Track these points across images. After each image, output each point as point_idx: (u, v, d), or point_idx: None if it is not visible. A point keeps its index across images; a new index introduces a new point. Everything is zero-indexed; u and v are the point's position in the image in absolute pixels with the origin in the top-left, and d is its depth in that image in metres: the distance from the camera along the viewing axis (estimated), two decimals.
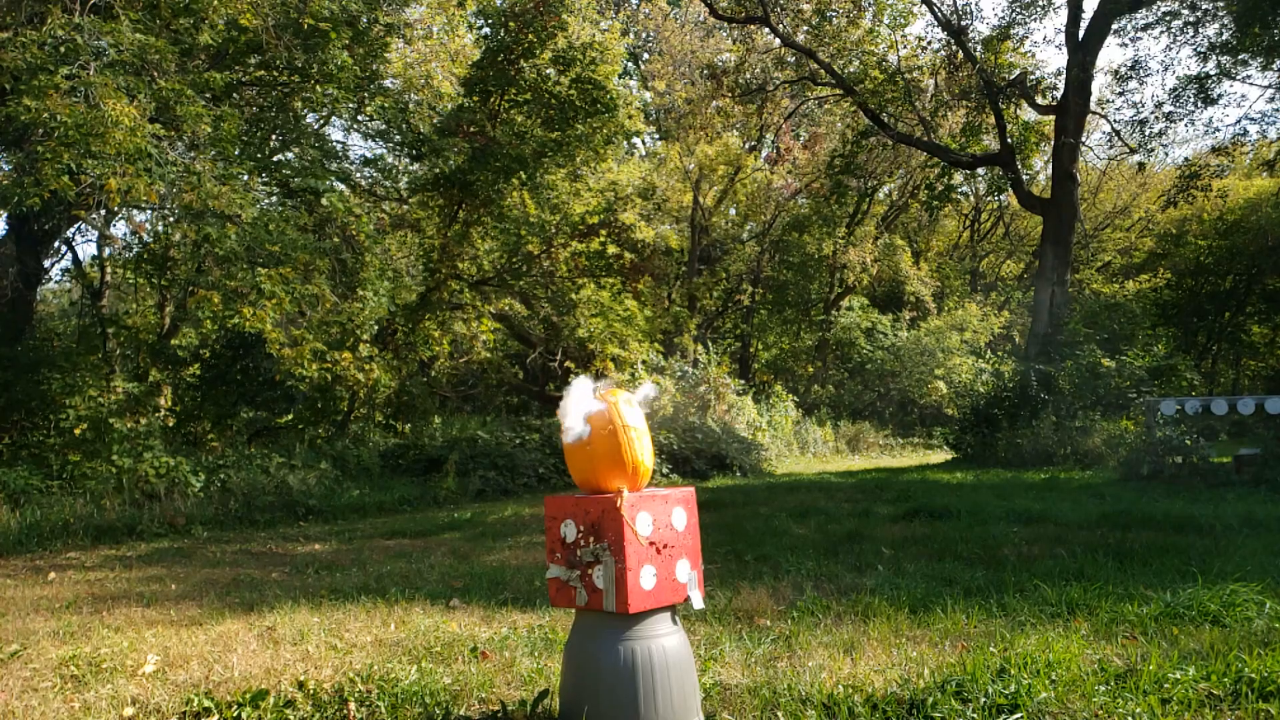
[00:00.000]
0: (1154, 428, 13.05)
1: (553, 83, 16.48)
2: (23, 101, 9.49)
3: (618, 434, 3.25)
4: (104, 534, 10.00)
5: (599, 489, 3.32)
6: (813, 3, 22.81)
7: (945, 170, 24.92)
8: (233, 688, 4.03)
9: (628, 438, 3.26)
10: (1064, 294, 20.47)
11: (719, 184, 28.91)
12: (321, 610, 5.69)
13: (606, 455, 3.27)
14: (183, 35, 11.69)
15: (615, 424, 3.26)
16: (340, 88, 13.69)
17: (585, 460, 3.32)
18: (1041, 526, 8.35)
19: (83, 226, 16.13)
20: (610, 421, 3.26)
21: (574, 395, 3.33)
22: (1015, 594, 5.40)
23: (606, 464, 3.27)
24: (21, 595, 6.62)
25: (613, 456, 3.26)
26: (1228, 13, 19.47)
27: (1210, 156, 23.25)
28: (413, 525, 10.42)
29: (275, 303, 11.42)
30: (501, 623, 5.20)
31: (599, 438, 3.27)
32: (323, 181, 13.37)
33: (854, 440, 25.81)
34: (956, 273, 37.43)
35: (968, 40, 21.86)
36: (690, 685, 3.27)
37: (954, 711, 3.45)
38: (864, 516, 9.44)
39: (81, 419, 11.66)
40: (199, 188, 10.44)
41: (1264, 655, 3.88)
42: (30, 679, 4.31)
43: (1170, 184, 25.50)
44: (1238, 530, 7.61)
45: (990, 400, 18.57)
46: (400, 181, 17.82)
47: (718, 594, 5.69)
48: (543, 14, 15.68)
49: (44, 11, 10.65)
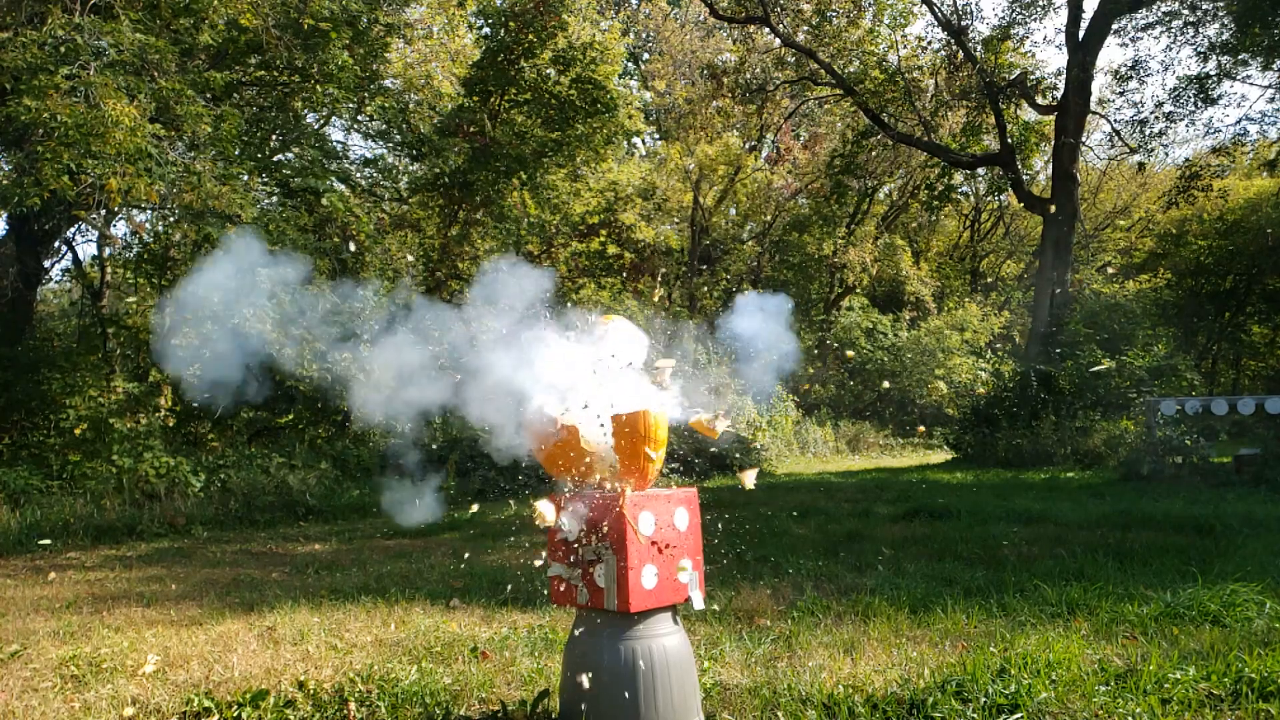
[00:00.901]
0: (1154, 428, 13.05)
1: (553, 83, 16.49)
2: (23, 101, 9.49)
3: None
4: (104, 534, 10.00)
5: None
6: (813, 3, 22.81)
7: (945, 170, 24.93)
8: (233, 688, 4.02)
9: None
10: (1064, 294, 20.48)
11: (719, 184, 28.90)
12: (321, 610, 5.69)
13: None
14: (183, 35, 11.69)
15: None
16: (340, 88, 13.69)
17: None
18: (1041, 526, 8.35)
19: (83, 226, 16.13)
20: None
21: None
22: (1015, 594, 5.40)
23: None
24: (21, 595, 6.62)
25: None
26: (1228, 13, 19.47)
27: (1210, 157, 23.24)
28: (413, 525, 10.42)
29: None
30: (501, 623, 5.19)
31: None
32: (323, 181, 13.37)
33: (854, 440, 25.81)
34: (956, 273, 37.42)
35: (968, 40, 21.86)
36: (690, 685, 3.27)
37: (954, 711, 3.45)
38: (864, 516, 9.44)
39: (81, 419, 11.65)
40: (199, 188, 10.43)
41: (1264, 655, 3.88)
42: (30, 679, 4.30)
43: (1170, 184, 25.49)
44: (1238, 530, 7.61)
45: (990, 400, 18.58)
46: (400, 181, 17.82)
47: (718, 594, 5.69)
48: (543, 14, 15.69)
49: (44, 11, 10.64)
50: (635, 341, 3.51)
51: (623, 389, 3.42)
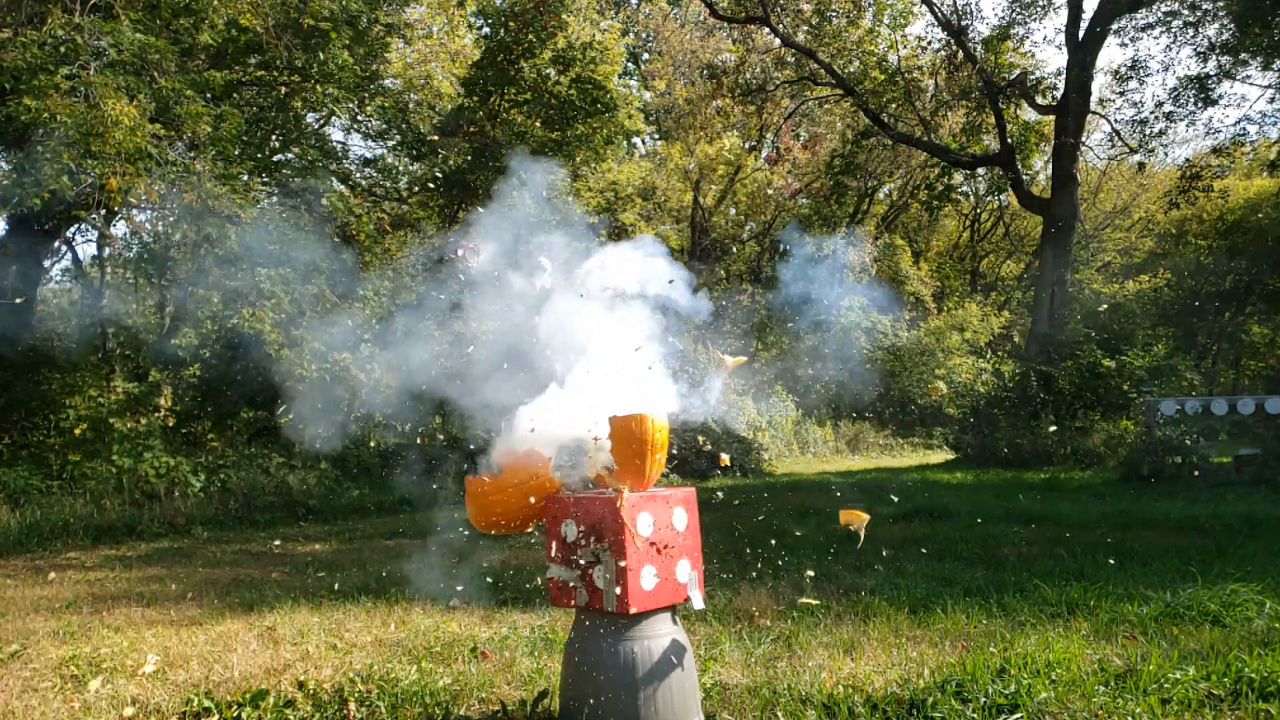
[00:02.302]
0: (1154, 428, 13.05)
1: (553, 82, 16.49)
2: (23, 101, 9.49)
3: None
4: (104, 534, 10.00)
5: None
6: (813, 3, 22.82)
7: (945, 170, 24.91)
8: (233, 688, 4.02)
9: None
10: (1064, 294, 20.47)
11: (719, 184, 28.90)
12: (321, 610, 5.69)
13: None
14: (183, 35, 11.69)
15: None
16: (340, 88, 13.68)
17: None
18: (1041, 526, 8.35)
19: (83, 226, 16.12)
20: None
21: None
22: (1015, 594, 5.40)
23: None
24: (21, 595, 6.62)
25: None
26: (1228, 13, 19.46)
27: (1210, 157, 23.23)
28: (413, 525, 10.42)
29: (275, 302, 11.42)
30: (501, 623, 5.19)
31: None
32: (323, 181, 13.36)
33: (854, 440, 25.80)
34: (956, 273, 37.41)
35: (968, 40, 21.85)
36: (690, 685, 3.27)
37: (954, 711, 3.45)
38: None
39: (81, 419, 11.64)
40: (199, 188, 10.43)
41: (1264, 655, 3.88)
42: (30, 679, 4.30)
43: (1170, 184, 25.49)
44: (1238, 530, 7.61)
45: (990, 400, 18.57)
46: (400, 181, 17.81)
47: (718, 594, 5.69)
48: (543, 14, 15.69)
49: (44, 11, 10.64)
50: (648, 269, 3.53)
51: (621, 386, 3.42)
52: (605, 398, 3.38)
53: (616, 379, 3.41)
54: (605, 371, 3.43)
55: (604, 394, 3.38)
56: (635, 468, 3.27)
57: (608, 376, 3.41)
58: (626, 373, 3.45)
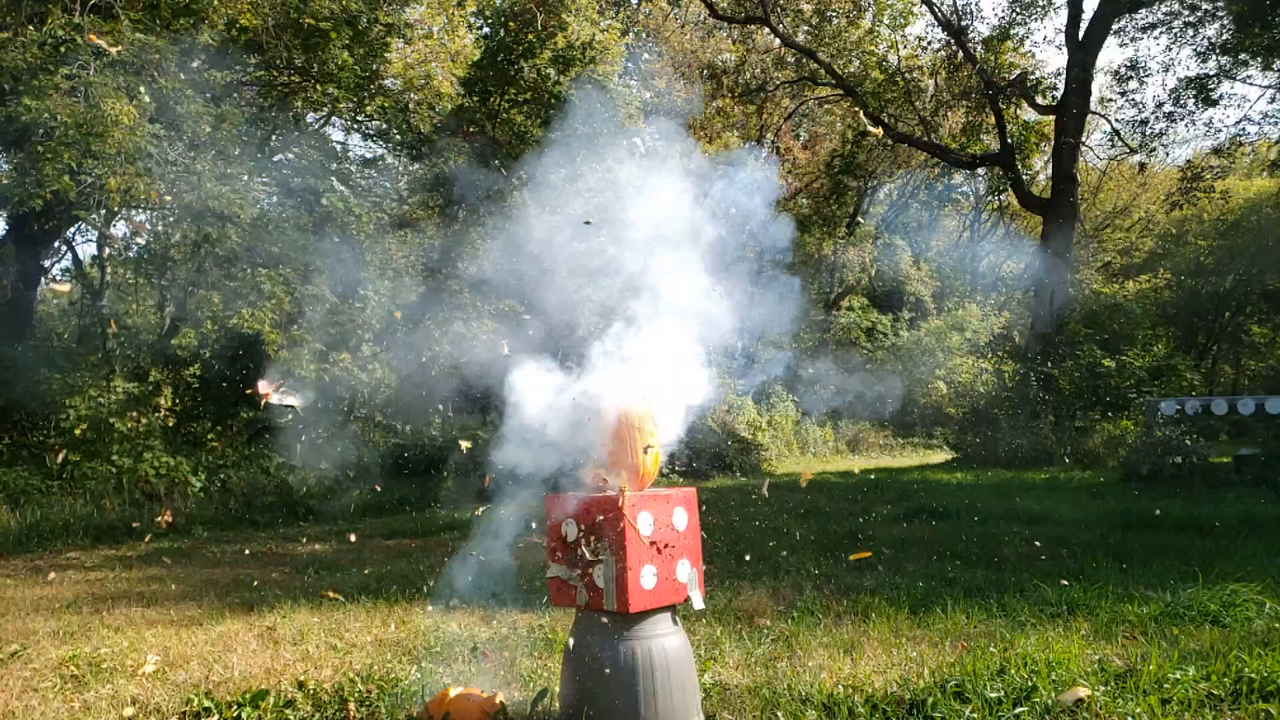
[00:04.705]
0: (1154, 428, 13.04)
1: (552, 83, 16.47)
2: (23, 101, 9.49)
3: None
4: (104, 534, 10.00)
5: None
6: (813, 3, 22.83)
7: (945, 170, 24.91)
8: (233, 688, 4.02)
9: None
10: (1064, 294, 20.47)
11: None
12: (321, 610, 5.69)
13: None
14: (183, 35, 11.69)
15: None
16: (340, 88, 13.68)
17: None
18: (1041, 526, 8.35)
19: (83, 226, 16.13)
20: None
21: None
22: (1015, 594, 5.40)
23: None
24: (21, 595, 6.62)
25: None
26: (1228, 13, 19.47)
27: (1211, 157, 23.24)
28: (413, 525, 10.42)
29: (275, 303, 11.42)
30: (501, 623, 5.19)
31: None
32: (323, 181, 13.35)
33: (854, 440, 25.80)
34: (956, 273, 37.41)
35: (968, 40, 21.86)
36: (690, 685, 3.27)
37: (954, 711, 3.45)
38: (864, 516, 9.43)
39: (81, 419, 11.64)
40: (199, 188, 10.43)
41: (1264, 655, 3.88)
42: (30, 679, 4.30)
43: (1170, 184, 25.50)
44: (1238, 530, 7.61)
45: (990, 400, 18.58)
46: (400, 181, 17.79)
47: (718, 594, 5.68)
48: (543, 14, 15.68)
49: (44, 11, 10.64)
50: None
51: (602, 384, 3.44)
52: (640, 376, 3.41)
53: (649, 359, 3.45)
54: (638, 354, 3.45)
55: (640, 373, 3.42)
56: (625, 462, 3.28)
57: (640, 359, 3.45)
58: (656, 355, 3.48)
